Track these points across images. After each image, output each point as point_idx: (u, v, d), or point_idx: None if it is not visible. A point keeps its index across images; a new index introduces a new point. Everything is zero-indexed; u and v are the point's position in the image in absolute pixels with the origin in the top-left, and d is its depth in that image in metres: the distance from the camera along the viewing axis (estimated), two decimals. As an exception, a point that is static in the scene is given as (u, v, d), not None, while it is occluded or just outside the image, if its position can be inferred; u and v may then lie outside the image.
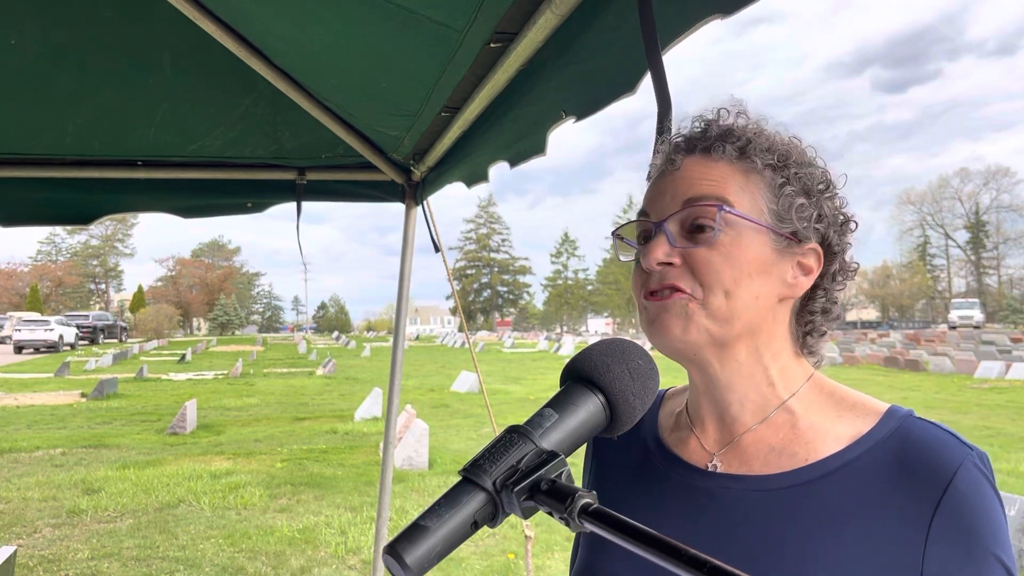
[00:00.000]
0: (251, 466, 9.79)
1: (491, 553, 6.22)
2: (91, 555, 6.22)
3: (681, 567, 0.54)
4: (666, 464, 0.99)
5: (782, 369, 0.93)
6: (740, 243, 0.88)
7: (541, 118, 1.64)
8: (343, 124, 2.74)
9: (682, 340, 0.89)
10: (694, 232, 0.89)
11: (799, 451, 0.90)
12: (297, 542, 6.56)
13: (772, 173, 0.90)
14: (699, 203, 0.88)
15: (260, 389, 20.40)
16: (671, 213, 0.90)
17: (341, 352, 41.26)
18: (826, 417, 0.91)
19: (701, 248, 0.87)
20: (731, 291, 0.87)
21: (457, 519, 0.65)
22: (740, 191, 0.89)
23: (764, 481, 0.89)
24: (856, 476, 0.86)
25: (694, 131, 0.95)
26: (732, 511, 0.89)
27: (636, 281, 0.94)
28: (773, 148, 0.91)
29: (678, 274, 0.88)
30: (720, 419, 0.95)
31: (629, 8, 1.13)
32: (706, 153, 0.91)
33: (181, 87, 2.60)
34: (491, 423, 3.00)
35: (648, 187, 0.97)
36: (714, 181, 0.89)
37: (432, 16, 1.58)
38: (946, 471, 0.82)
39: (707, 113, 0.96)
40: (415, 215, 3.21)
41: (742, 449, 0.93)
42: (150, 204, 3.15)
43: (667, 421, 1.05)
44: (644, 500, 0.99)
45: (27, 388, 20.33)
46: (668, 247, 0.89)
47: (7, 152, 2.85)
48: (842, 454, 0.88)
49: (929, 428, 0.87)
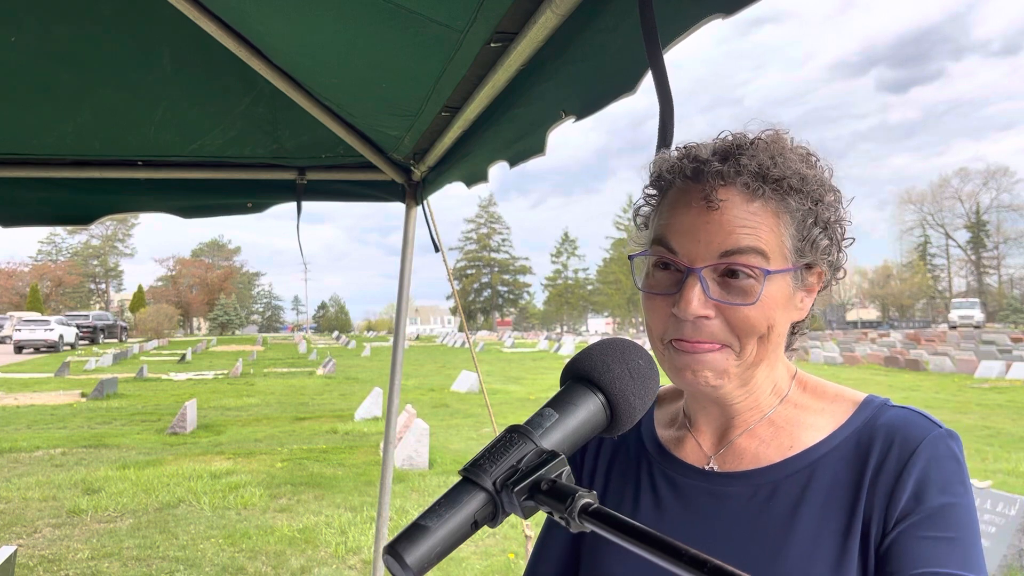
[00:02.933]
0: (251, 466, 9.78)
1: (491, 553, 6.21)
2: (91, 555, 6.22)
3: (682, 567, 0.54)
4: (664, 465, 1.01)
5: (779, 376, 0.98)
6: (772, 291, 0.89)
7: (541, 118, 1.64)
8: (343, 124, 2.74)
9: (710, 387, 0.91)
10: (729, 279, 0.88)
11: (784, 441, 0.95)
12: (297, 542, 6.55)
13: (801, 213, 0.90)
14: (739, 258, 0.87)
15: (260, 389, 20.40)
16: (707, 264, 0.88)
17: (341, 352, 41.26)
18: (808, 410, 0.96)
19: (741, 307, 0.88)
20: (764, 336, 0.90)
21: (457, 519, 0.65)
22: (771, 233, 0.88)
23: (755, 475, 0.94)
24: (836, 462, 0.91)
25: (731, 160, 0.89)
26: (729, 509, 0.93)
27: (656, 317, 0.92)
28: (806, 188, 0.90)
29: (713, 328, 0.89)
30: (720, 426, 0.99)
31: (629, 7, 1.13)
32: (746, 190, 0.88)
33: (181, 87, 2.60)
34: (491, 423, 3.00)
35: (667, 211, 0.92)
36: (751, 228, 0.87)
37: (432, 16, 1.58)
38: (912, 443, 0.87)
39: (742, 140, 0.92)
40: (415, 215, 3.21)
41: (736, 448, 0.97)
42: (150, 204, 3.15)
43: (663, 421, 1.07)
44: (645, 500, 1.00)
45: (27, 388, 20.33)
46: (704, 298, 0.88)
47: (7, 152, 2.84)
48: (823, 443, 0.93)
49: (901, 411, 0.92)
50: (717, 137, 0.94)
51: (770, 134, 0.93)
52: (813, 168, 0.93)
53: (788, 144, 0.93)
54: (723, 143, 0.92)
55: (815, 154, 0.95)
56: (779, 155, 0.91)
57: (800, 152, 0.93)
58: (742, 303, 0.87)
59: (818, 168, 0.94)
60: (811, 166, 0.93)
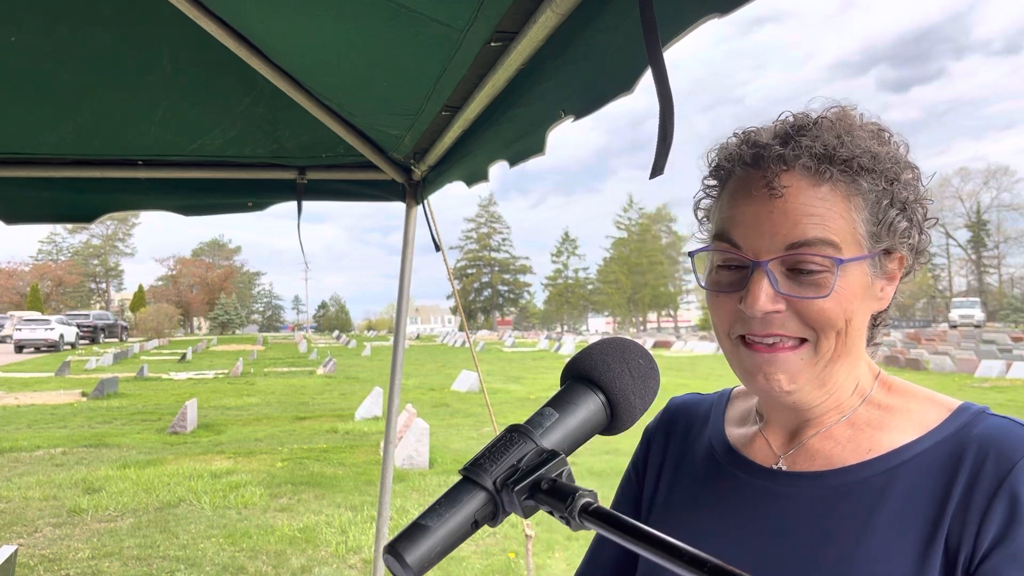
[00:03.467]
0: (252, 465, 9.79)
1: (492, 552, 6.22)
2: (92, 554, 6.23)
3: (682, 566, 0.54)
4: (731, 464, 0.96)
5: (861, 375, 0.91)
6: (848, 281, 0.83)
7: (541, 117, 1.64)
8: (343, 123, 2.74)
9: (787, 392, 0.85)
10: (800, 274, 0.82)
11: (862, 444, 0.87)
12: (298, 541, 6.56)
13: (875, 195, 0.84)
14: (807, 250, 0.81)
15: (260, 388, 20.40)
16: (773, 256, 0.83)
17: (342, 351, 41.26)
18: (892, 412, 0.89)
19: (814, 300, 0.82)
20: (841, 330, 0.84)
21: (458, 518, 0.65)
22: (842, 220, 0.82)
23: (826, 477, 0.87)
24: (920, 470, 0.83)
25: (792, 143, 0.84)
26: (795, 510, 0.87)
27: (722, 314, 0.88)
28: (879, 166, 0.84)
29: (784, 321, 0.83)
30: (793, 425, 0.93)
31: (629, 7, 1.13)
32: (810, 174, 0.82)
33: (181, 86, 2.60)
34: (491, 422, 3.00)
35: (728, 203, 0.87)
36: (819, 217, 0.81)
37: (432, 15, 1.58)
38: (1010, 459, 0.78)
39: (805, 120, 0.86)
40: (415, 214, 3.21)
41: (808, 449, 0.91)
42: (151, 202, 3.15)
43: (734, 419, 1.03)
44: (710, 500, 0.96)
45: (28, 387, 20.33)
46: (773, 293, 0.82)
47: (8, 151, 2.85)
48: (906, 448, 0.85)
49: (1001, 422, 0.83)
50: (777, 119, 0.88)
51: (835, 111, 0.87)
52: (886, 144, 0.86)
53: (856, 121, 0.86)
54: (784, 125, 0.87)
55: (887, 129, 0.88)
56: (846, 133, 0.84)
57: (870, 128, 0.87)
58: (815, 296, 0.82)
59: (891, 144, 0.87)
60: (883, 142, 0.86)
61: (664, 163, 1.00)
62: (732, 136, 0.90)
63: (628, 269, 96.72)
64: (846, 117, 0.86)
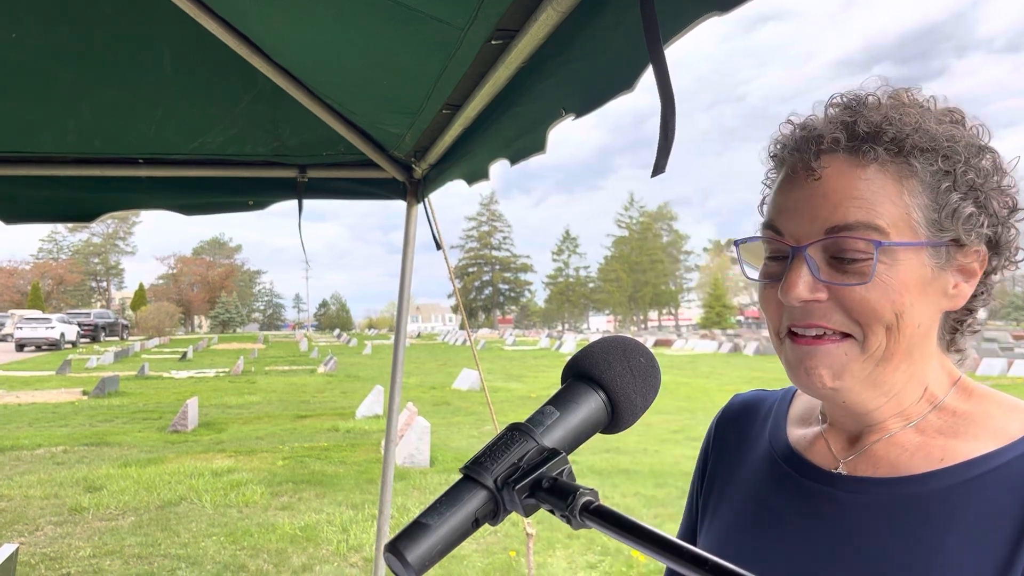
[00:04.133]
0: (252, 464, 9.79)
1: (493, 551, 6.22)
2: (93, 553, 6.23)
3: (683, 565, 0.54)
4: (789, 463, 0.91)
5: (931, 380, 0.84)
6: (898, 270, 0.76)
7: (541, 115, 1.64)
8: (344, 122, 2.74)
9: (831, 388, 0.80)
10: (842, 262, 0.77)
11: (934, 453, 0.80)
12: (298, 540, 6.56)
13: (934, 175, 0.77)
14: (847, 234, 0.76)
15: (261, 387, 20.41)
16: (812, 241, 0.78)
17: (342, 350, 41.28)
18: (970, 420, 0.81)
19: (855, 287, 0.76)
20: (892, 325, 0.77)
21: (458, 517, 0.65)
22: (893, 206, 0.76)
23: (891, 485, 0.80)
24: (1001, 483, 0.75)
25: (834, 122, 0.79)
26: (855, 517, 0.81)
27: (769, 307, 0.83)
28: (936, 145, 0.77)
29: (826, 311, 0.78)
30: (856, 428, 0.87)
31: (630, 4, 1.13)
32: (852, 155, 0.77)
33: (181, 85, 2.60)
34: (492, 421, 3.00)
35: (775, 191, 0.83)
36: (863, 200, 0.76)
37: (433, 13, 1.58)
38: None
39: (850, 99, 0.81)
40: (416, 213, 3.21)
41: (871, 454, 0.84)
42: (152, 201, 3.15)
43: (796, 418, 0.97)
44: (768, 501, 0.91)
45: (29, 386, 20.35)
46: (812, 280, 0.78)
47: (8, 150, 2.85)
48: (987, 459, 0.77)
49: None
50: (828, 100, 0.83)
51: (886, 91, 0.81)
52: (951, 125, 0.79)
53: (909, 99, 0.81)
54: (831, 106, 0.82)
55: (958, 110, 0.81)
56: (894, 110, 0.78)
57: (927, 106, 0.80)
58: (856, 283, 0.76)
59: (959, 126, 0.79)
60: (945, 123, 0.79)
61: (666, 162, 1.00)
62: (787, 122, 0.85)
63: (629, 267, 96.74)
64: (898, 95, 0.81)
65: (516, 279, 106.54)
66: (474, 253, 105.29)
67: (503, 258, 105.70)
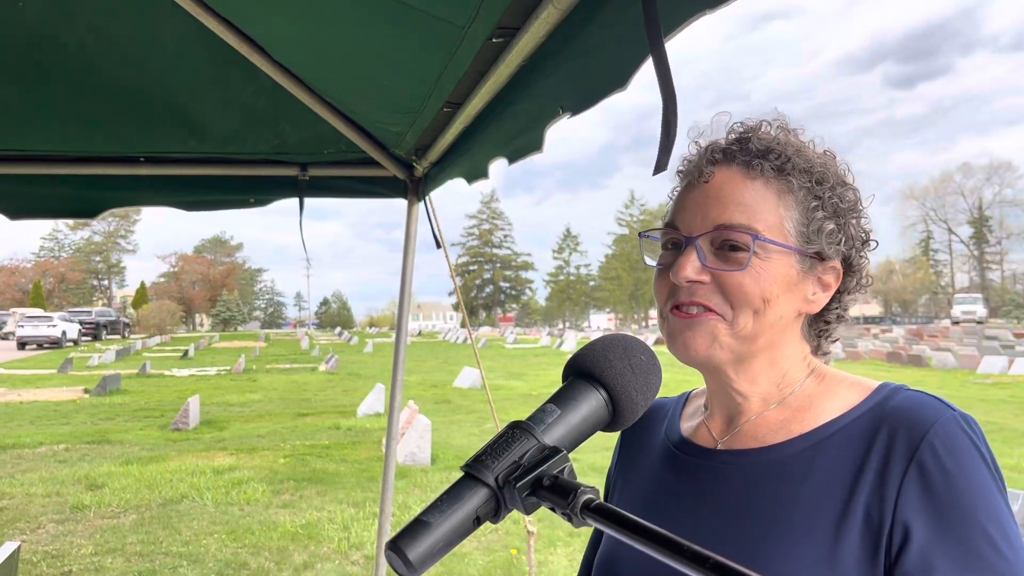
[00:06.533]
0: (254, 462, 9.80)
1: (493, 548, 6.23)
2: (94, 551, 6.24)
3: (684, 563, 0.54)
4: (679, 449, 1.05)
5: (791, 371, 0.99)
6: (769, 264, 0.91)
7: (540, 114, 1.64)
8: (345, 120, 2.73)
9: (705, 356, 0.93)
10: (725, 251, 0.92)
11: (792, 427, 0.95)
12: (300, 538, 6.57)
13: (806, 195, 0.93)
14: (731, 230, 0.91)
15: (263, 385, 20.43)
16: (702, 232, 0.92)
17: (344, 348, 41.31)
18: (821, 397, 0.97)
19: (734, 272, 0.90)
20: (759, 311, 0.91)
21: (459, 515, 0.65)
22: (771, 213, 0.91)
23: (756, 453, 0.96)
24: (840, 443, 0.90)
25: (732, 140, 0.96)
26: (730, 482, 0.96)
27: (660, 289, 0.97)
28: (811, 169, 0.93)
29: (707, 292, 0.92)
30: (728, 412, 1.02)
31: (629, 2, 1.13)
32: (745, 167, 0.93)
33: (182, 82, 2.60)
34: (493, 419, 3.01)
35: (677, 196, 0.99)
36: (747, 207, 0.91)
37: (434, 12, 1.58)
38: (921, 427, 0.85)
39: (748, 122, 0.98)
40: (417, 211, 3.21)
41: (743, 432, 0.99)
42: (153, 198, 3.15)
43: (687, 415, 1.12)
44: (662, 483, 1.05)
45: (30, 384, 20.37)
46: (699, 265, 0.92)
47: (10, 148, 2.85)
48: (831, 424, 0.92)
49: (915, 394, 0.91)
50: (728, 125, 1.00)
51: (778, 121, 0.98)
52: (822, 157, 0.96)
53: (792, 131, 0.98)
54: (732, 128, 0.98)
55: (830, 151, 0.98)
56: (783, 135, 0.95)
57: (807, 142, 0.97)
58: (734, 269, 0.90)
59: (832, 161, 0.97)
60: (822, 156, 0.96)
61: (668, 159, 1.01)
62: (693, 143, 1.01)
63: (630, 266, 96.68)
64: (785, 127, 0.97)
65: (517, 277, 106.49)
66: (475, 251, 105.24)
67: (504, 256, 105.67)
